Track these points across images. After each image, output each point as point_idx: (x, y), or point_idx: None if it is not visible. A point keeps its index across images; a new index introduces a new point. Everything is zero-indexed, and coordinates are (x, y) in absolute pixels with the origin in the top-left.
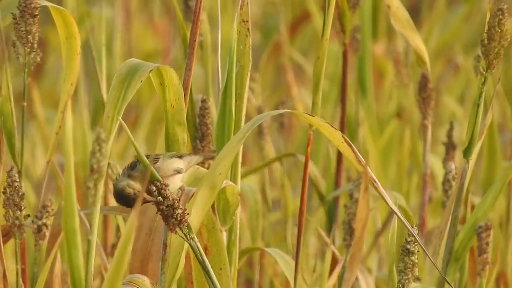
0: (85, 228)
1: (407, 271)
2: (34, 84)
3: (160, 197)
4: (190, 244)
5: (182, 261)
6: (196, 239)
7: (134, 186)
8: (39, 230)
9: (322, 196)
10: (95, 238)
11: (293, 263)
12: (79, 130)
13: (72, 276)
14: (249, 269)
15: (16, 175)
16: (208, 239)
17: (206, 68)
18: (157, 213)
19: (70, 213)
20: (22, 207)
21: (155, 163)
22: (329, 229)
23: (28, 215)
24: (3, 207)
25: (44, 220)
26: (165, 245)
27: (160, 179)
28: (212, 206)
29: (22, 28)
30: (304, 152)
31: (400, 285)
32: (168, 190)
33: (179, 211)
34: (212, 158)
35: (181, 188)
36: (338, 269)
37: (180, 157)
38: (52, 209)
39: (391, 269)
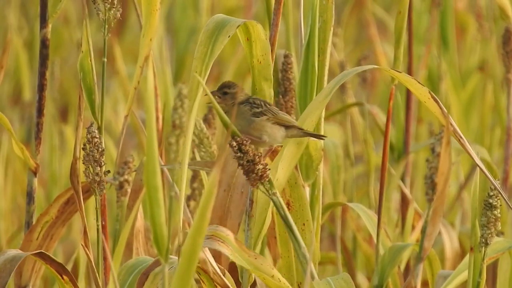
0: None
1: (489, 225)
2: (116, 40)
3: (239, 153)
4: (272, 200)
5: (269, 217)
6: (278, 194)
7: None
8: (121, 186)
9: (394, 149)
10: (183, 195)
11: (375, 217)
12: (161, 86)
13: (154, 232)
14: (332, 224)
15: (96, 131)
16: (290, 194)
17: (288, 23)
18: (238, 167)
19: (152, 169)
20: (102, 163)
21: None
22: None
23: (109, 171)
24: (83, 163)
25: (126, 176)
26: (251, 201)
27: (240, 135)
28: None
29: None
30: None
31: (483, 240)
32: (249, 145)
33: (260, 166)
34: (322, 139)
35: (270, 149)
36: (420, 224)
37: (287, 127)
38: (134, 165)
39: (473, 223)
